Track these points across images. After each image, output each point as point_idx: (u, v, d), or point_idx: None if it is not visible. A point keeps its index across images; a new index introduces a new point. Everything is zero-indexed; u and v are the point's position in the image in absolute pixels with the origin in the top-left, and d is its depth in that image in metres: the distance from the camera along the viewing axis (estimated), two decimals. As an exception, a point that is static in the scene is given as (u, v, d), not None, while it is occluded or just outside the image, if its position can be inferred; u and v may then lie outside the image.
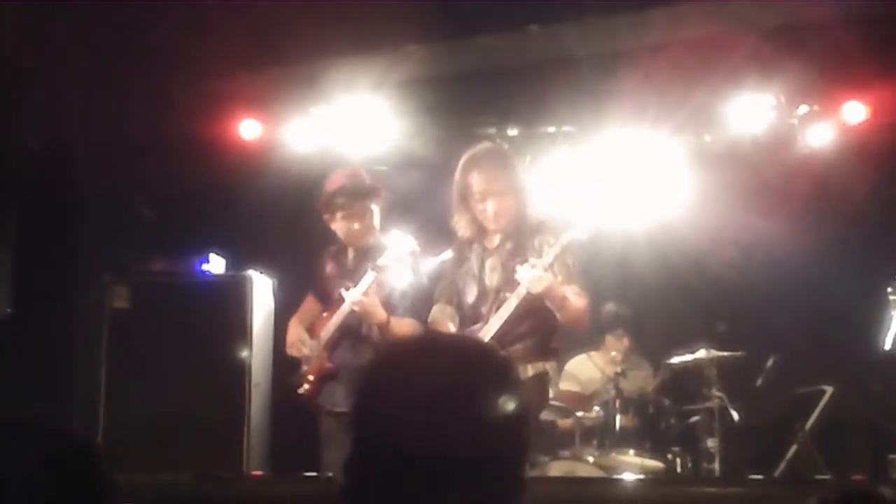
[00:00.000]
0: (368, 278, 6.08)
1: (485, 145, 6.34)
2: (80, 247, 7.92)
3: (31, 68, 7.51)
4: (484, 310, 5.82)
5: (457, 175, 5.89)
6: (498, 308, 5.72)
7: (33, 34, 7.39)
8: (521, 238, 5.81)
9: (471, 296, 5.89)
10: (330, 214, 6.35)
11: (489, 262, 5.88)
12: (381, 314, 6.06)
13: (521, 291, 5.59)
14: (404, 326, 6.06)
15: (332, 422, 6.09)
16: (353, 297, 6.09)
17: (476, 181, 5.80)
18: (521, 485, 1.88)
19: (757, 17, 7.47)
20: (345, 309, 6.17)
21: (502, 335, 5.66)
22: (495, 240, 5.89)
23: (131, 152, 7.85)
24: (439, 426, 1.80)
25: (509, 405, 1.87)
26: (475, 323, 5.81)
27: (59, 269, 7.73)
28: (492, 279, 5.85)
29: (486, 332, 5.67)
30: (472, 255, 5.95)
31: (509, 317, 5.67)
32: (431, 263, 6.18)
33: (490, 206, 5.78)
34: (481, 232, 5.93)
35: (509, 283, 5.74)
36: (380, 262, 6.07)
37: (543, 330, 5.79)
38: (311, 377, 6.29)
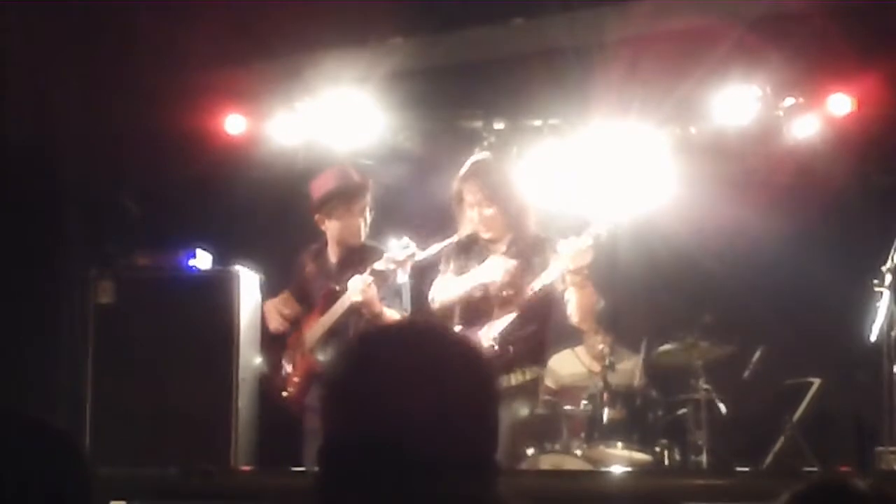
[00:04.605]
0: (369, 276, 6.08)
1: (478, 157, 6.44)
2: (64, 242, 7.89)
3: (15, 61, 7.48)
4: (485, 308, 5.87)
5: (454, 184, 5.98)
6: (500, 305, 5.78)
7: (17, 27, 7.36)
8: (524, 246, 5.89)
9: (472, 294, 5.95)
10: (323, 216, 6.34)
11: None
12: (377, 306, 6.07)
13: (557, 267, 5.66)
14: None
15: (315, 417, 6.08)
16: (357, 285, 6.06)
17: (467, 190, 5.91)
18: (494, 471, 1.88)
19: (743, 9, 7.47)
20: (342, 305, 6.15)
21: (506, 335, 5.72)
22: (502, 246, 5.97)
23: (116, 147, 7.83)
24: (406, 413, 1.80)
25: (478, 390, 1.88)
26: (475, 320, 5.86)
27: (43, 264, 7.70)
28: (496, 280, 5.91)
29: (494, 329, 5.73)
30: (474, 254, 6.01)
31: (514, 318, 5.73)
32: (420, 256, 6.19)
33: (478, 214, 5.86)
34: (482, 237, 6.01)
35: (511, 283, 5.80)
36: (377, 265, 6.07)
37: (541, 336, 5.90)
38: (296, 379, 6.28)
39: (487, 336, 5.71)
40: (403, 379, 1.83)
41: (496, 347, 5.69)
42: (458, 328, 5.88)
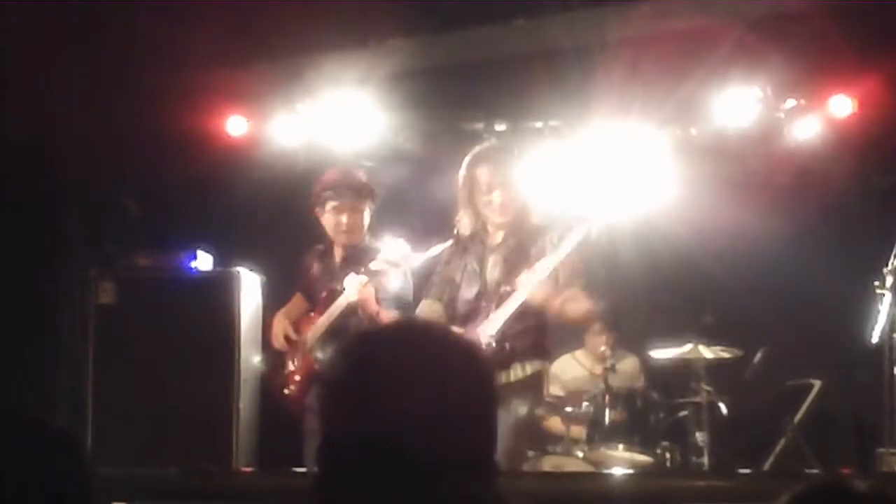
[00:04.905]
0: (364, 278, 6.08)
1: (491, 143, 6.42)
2: (65, 242, 7.89)
3: (15, 61, 7.48)
4: (484, 304, 5.84)
5: (462, 170, 5.92)
6: (499, 302, 5.74)
7: (18, 26, 7.36)
8: (524, 236, 5.85)
9: (470, 291, 5.91)
10: (320, 207, 6.34)
11: (491, 259, 5.90)
12: (374, 305, 6.07)
13: (518, 297, 5.63)
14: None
15: (315, 418, 6.07)
16: (354, 285, 6.05)
17: (483, 173, 5.84)
18: (493, 470, 1.88)
19: (744, 10, 7.47)
20: (339, 305, 6.15)
21: (503, 332, 5.68)
22: (498, 237, 5.92)
23: (117, 147, 7.83)
24: (406, 412, 1.80)
25: (477, 390, 1.88)
26: (474, 318, 5.82)
27: (44, 264, 7.70)
28: (493, 274, 5.87)
29: (490, 326, 5.69)
30: (472, 252, 5.96)
31: (512, 313, 5.70)
32: (420, 259, 6.18)
33: (497, 197, 5.82)
34: (483, 229, 5.95)
35: (509, 278, 5.77)
36: (373, 265, 6.06)
37: (540, 329, 5.84)
38: (297, 377, 6.28)
39: (485, 333, 5.68)
40: (403, 378, 1.83)
41: (493, 344, 5.66)
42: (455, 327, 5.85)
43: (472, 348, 1.99)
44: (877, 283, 6.29)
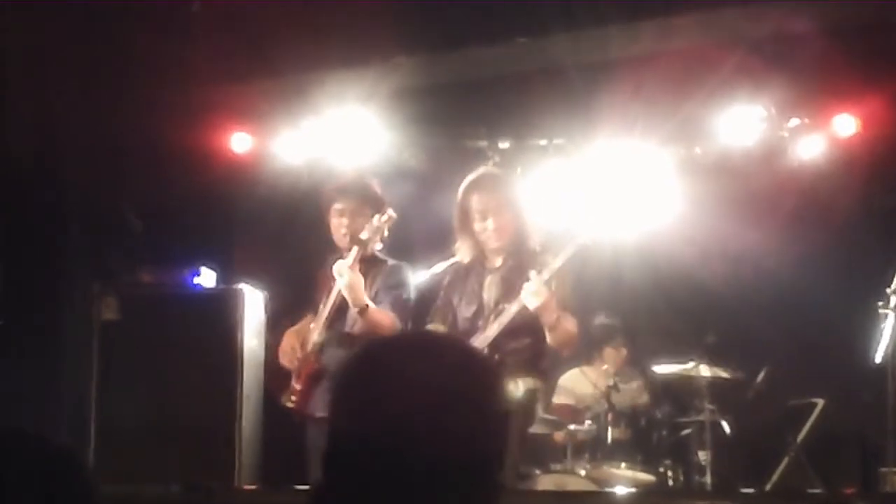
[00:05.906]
0: (353, 252, 6.04)
1: (485, 169, 6.43)
2: (69, 257, 7.90)
3: (21, 76, 7.50)
4: (480, 323, 5.85)
5: (458, 198, 5.96)
6: (496, 319, 5.75)
7: (23, 43, 7.38)
8: (522, 258, 5.86)
9: (468, 311, 5.93)
10: (327, 209, 6.33)
11: (488, 279, 5.92)
12: (363, 296, 6.01)
13: (520, 302, 5.64)
14: (382, 316, 6.03)
15: (318, 430, 6.05)
16: (341, 268, 6.01)
17: (476, 201, 5.88)
18: (497, 487, 1.88)
19: (748, 29, 7.49)
20: (333, 292, 6.12)
21: (496, 347, 5.68)
22: (497, 261, 5.95)
23: (122, 163, 7.84)
24: (416, 424, 1.80)
25: (489, 405, 1.88)
26: (471, 335, 5.82)
27: (48, 279, 7.70)
28: (490, 294, 5.89)
29: (483, 340, 5.70)
30: (473, 274, 5.98)
31: (504, 329, 5.69)
32: (423, 276, 6.18)
33: (490, 224, 5.86)
34: (481, 256, 5.97)
35: (507, 296, 5.78)
36: (362, 235, 6.05)
37: (536, 348, 5.84)
38: (298, 386, 6.26)
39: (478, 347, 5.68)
40: (408, 382, 1.83)
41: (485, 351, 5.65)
42: None
43: (475, 355, 2.00)
44: (880, 303, 6.28)
